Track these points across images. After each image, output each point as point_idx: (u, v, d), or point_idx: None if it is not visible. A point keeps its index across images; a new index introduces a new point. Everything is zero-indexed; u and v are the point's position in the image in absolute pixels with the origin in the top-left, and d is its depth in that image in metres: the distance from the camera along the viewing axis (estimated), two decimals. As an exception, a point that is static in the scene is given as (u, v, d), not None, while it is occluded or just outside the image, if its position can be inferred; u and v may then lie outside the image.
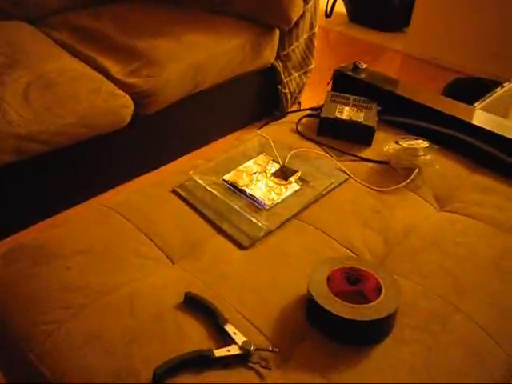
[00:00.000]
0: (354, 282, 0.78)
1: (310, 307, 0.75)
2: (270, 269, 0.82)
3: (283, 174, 1.02)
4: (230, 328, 0.70)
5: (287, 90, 2.02)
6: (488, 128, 1.13)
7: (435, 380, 0.68)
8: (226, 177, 1.00)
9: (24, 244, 0.85)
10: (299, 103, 2.14)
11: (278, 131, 1.18)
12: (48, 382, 0.67)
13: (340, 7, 3.30)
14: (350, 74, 1.31)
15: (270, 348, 0.69)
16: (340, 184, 1.02)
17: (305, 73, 2.07)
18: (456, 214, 0.98)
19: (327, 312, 0.70)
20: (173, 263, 0.83)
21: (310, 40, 2.02)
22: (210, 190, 0.96)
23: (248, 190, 0.97)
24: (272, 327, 0.73)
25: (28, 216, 1.43)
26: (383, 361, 0.69)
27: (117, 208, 0.92)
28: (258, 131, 1.17)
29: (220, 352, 0.67)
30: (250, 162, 1.05)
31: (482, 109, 1.43)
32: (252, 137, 1.15)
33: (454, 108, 1.21)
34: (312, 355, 0.70)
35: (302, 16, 1.92)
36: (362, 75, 1.31)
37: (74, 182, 1.53)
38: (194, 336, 0.70)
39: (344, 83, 1.31)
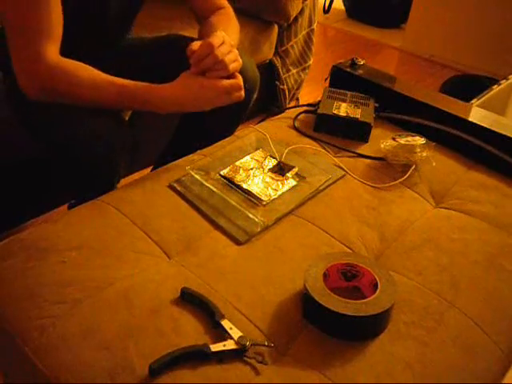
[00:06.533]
0: (350, 278, 0.79)
1: (306, 303, 0.75)
2: (266, 264, 0.82)
3: (280, 169, 1.02)
4: (226, 323, 0.70)
5: (285, 87, 2.02)
6: (485, 125, 1.14)
7: (430, 375, 0.68)
8: (223, 172, 1.00)
9: (19, 238, 0.84)
10: (297, 99, 2.14)
11: (276, 127, 1.18)
12: (44, 377, 0.67)
13: (338, 3, 3.30)
14: (347, 70, 1.31)
15: (266, 343, 0.69)
16: (337, 180, 1.02)
17: (303, 69, 2.06)
18: (452, 211, 0.98)
19: (323, 307, 0.70)
20: (169, 258, 0.83)
21: (309, 36, 2.02)
22: (207, 185, 0.96)
23: (245, 186, 0.97)
24: (268, 322, 0.73)
25: (23, 211, 1.42)
26: (378, 356, 0.69)
27: (113, 202, 0.91)
28: (256, 127, 1.17)
29: (216, 347, 0.67)
30: (247, 158, 1.05)
31: (479, 106, 1.43)
32: (249, 132, 1.14)
33: (451, 105, 1.21)
34: (308, 350, 0.70)
35: (301, 12, 1.91)
36: (360, 71, 1.31)
37: (71, 176, 1.52)
38: (190, 331, 0.70)
39: (342, 79, 1.31)
